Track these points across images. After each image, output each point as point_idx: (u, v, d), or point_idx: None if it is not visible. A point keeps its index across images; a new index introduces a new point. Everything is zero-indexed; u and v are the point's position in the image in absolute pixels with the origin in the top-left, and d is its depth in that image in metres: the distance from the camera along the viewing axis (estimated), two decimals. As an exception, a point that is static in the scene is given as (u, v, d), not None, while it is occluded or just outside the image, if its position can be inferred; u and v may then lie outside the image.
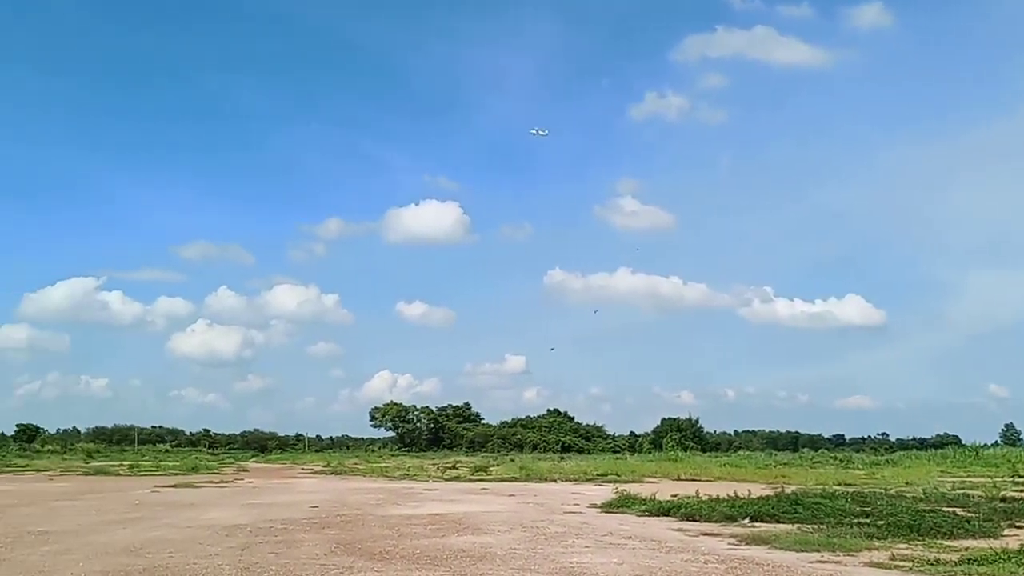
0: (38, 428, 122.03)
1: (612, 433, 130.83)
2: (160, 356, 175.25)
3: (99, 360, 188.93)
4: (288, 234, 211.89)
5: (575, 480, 41.69)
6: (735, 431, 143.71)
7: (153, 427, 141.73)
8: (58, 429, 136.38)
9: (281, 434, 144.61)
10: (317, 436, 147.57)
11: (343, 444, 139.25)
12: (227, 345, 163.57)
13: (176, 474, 50.08)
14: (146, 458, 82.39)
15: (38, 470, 56.81)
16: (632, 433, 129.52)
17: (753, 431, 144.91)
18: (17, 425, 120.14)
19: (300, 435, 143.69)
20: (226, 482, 41.60)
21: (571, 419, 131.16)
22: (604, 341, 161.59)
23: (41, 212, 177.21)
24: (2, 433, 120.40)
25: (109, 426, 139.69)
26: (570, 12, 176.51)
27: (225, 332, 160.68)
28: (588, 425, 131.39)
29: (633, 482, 36.80)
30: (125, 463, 67.87)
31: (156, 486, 36.26)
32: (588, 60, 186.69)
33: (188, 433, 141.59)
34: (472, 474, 47.77)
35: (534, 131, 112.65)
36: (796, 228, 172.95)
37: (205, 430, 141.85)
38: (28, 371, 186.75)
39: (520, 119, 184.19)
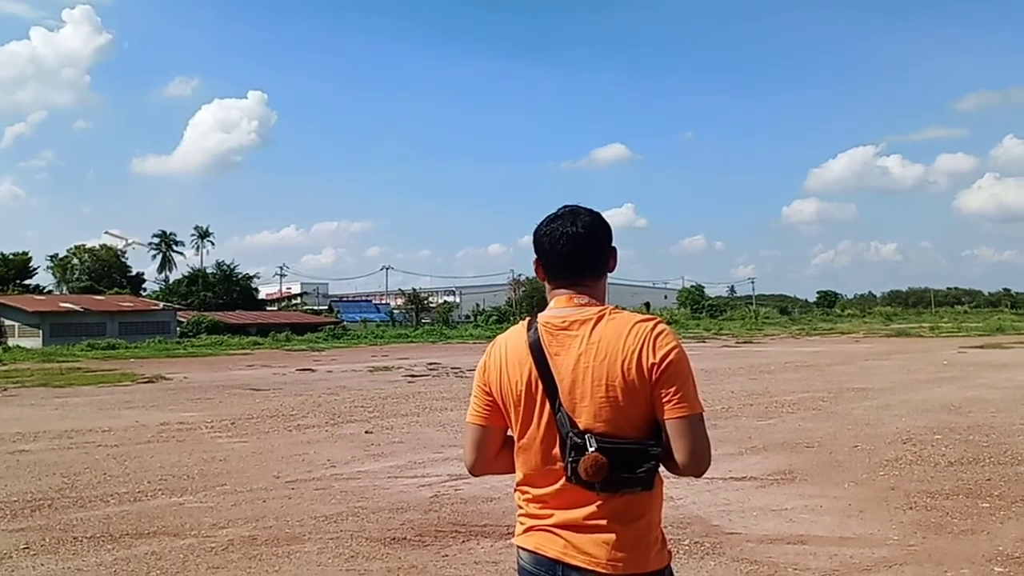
0: (836, 294, 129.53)
1: None
2: (947, 216, 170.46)
3: (885, 225, 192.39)
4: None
5: None
6: None
7: (948, 288, 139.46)
8: (855, 294, 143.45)
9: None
10: None
11: None
12: (1020, 198, 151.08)
13: (980, 335, 48.33)
14: (945, 319, 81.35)
15: (842, 332, 60.49)
16: None
17: None
18: (818, 292, 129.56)
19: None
20: (1038, 343, 38.62)
21: None
22: None
23: (819, 88, 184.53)
24: (805, 300, 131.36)
25: (903, 289, 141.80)
26: None
27: (1016, 184, 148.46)
28: None
29: None
30: (924, 325, 68.05)
31: (961, 347, 35.47)
32: None
33: (986, 293, 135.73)
34: None
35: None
36: None
37: (1005, 289, 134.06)
38: (821, 241, 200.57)
39: None
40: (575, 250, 2.24)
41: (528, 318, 2.30)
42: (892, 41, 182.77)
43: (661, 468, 2.13)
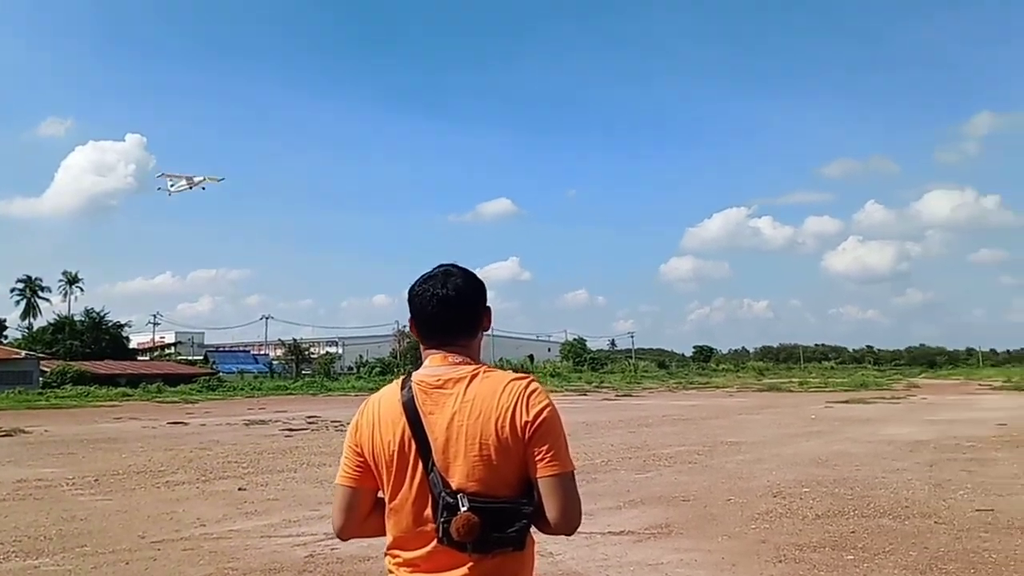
0: (712, 349, 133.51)
1: None
2: (814, 276, 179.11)
3: (757, 284, 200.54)
4: (933, 136, 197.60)
5: None
6: None
7: (816, 345, 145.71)
8: (729, 349, 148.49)
9: (950, 348, 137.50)
10: (991, 350, 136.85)
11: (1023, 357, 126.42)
12: (881, 260, 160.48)
13: (845, 390, 50.63)
14: (813, 375, 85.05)
15: (717, 386, 62.34)
16: None
17: None
18: (694, 347, 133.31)
19: (972, 349, 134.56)
20: (898, 398, 40.74)
21: None
22: None
23: (694, 150, 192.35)
24: (682, 354, 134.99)
25: (774, 345, 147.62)
26: None
27: (878, 247, 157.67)
28: None
29: None
30: (794, 380, 70.88)
31: (828, 402, 37.06)
32: None
33: (851, 350, 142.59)
34: None
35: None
36: None
37: (868, 346, 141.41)
38: (697, 298, 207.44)
39: None
40: (445, 313, 2.24)
41: (402, 376, 2.29)
42: (762, 107, 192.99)
43: (532, 528, 2.13)
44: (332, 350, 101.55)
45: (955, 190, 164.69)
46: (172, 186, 77.21)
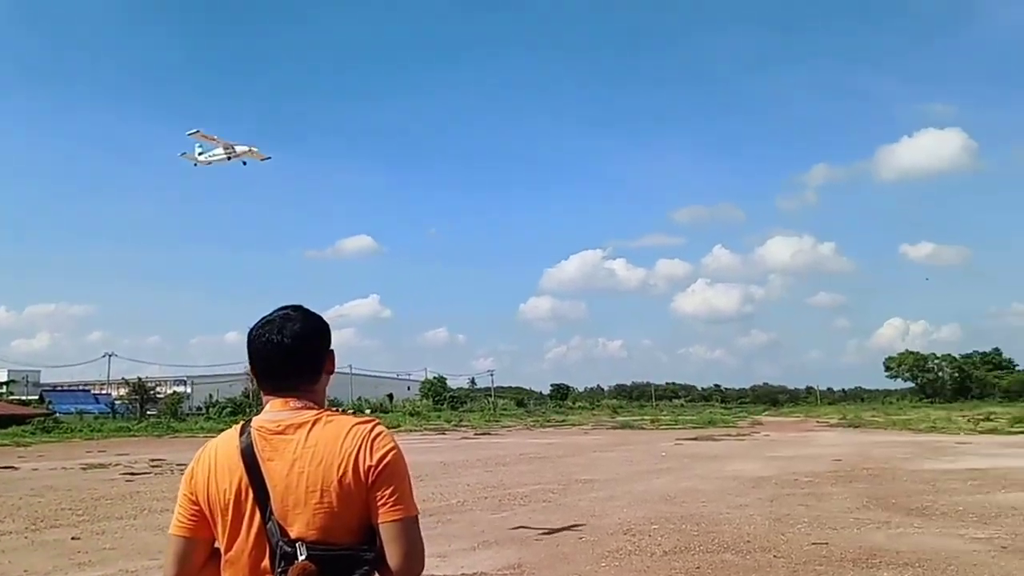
0: (568, 387, 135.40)
1: None
2: (665, 316, 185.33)
3: (612, 323, 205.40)
4: (776, 185, 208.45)
5: None
6: None
7: (667, 383, 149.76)
8: (585, 387, 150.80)
9: (791, 387, 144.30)
10: (828, 388, 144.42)
11: (857, 396, 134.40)
12: (727, 302, 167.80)
13: (694, 427, 52.34)
14: (664, 413, 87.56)
15: (573, 424, 63.28)
16: None
17: None
18: (552, 385, 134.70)
19: (811, 388, 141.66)
20: (743, 435, 42.38)
21: None
22: None
23: (552, 192, 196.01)
24: (540, 392, 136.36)
25: (628, 383, 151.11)
26: None
27: (724, 289, 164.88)
28: None
29: None
30: (646, 418, 72.74)
31: (678, 439, 38.21)
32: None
33: (700, 388, 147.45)
34: (1011, 426, 42.68)
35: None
36: None
37: (716, 385, 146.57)
38: (555, 337, 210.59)
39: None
40: (281, 360, 2.20)
41: (242, 423, 2.22)
42: (618, 151, 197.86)
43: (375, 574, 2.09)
44: (180, 389, 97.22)
45: (795, 237, 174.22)
46: (202, 153, 59.28)
